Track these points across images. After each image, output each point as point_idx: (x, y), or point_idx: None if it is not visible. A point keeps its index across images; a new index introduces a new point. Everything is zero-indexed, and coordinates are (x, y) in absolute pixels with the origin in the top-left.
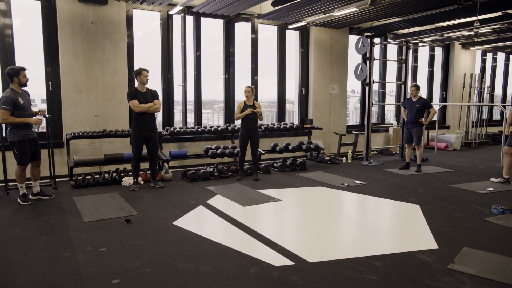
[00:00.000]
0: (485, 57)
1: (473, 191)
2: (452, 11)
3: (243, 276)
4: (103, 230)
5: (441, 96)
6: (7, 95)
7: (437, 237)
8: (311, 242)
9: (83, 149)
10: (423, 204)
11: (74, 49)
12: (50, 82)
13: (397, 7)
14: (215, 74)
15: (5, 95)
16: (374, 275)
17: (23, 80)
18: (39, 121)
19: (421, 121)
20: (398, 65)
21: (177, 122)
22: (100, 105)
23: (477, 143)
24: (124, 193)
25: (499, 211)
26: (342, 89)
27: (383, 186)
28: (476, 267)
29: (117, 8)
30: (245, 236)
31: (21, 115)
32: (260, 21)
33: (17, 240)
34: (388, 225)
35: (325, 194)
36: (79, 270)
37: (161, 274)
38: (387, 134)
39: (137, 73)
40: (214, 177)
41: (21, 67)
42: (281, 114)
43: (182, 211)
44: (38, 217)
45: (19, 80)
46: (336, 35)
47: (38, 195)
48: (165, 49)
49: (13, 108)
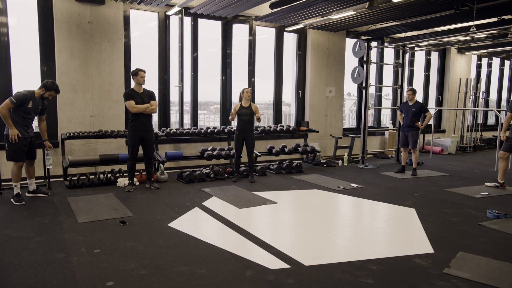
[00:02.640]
0: (480, 62)
1: (468, 195)
2: (449, 16)
3: (239, 279)
4: (98, 231)
5: (437, 100)
6: (23, 92)
7: (432, 241)
8: (307, 245)
9: (78, 149)
10: (419, 208)
11: (71, 48)
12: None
13: (394, 11)
14: (212, 75)
15: (21, 92)
16: (370, 279)
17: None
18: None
19: (417, 125)
20: (395, 69)
21: (173, 123)
22: (96, 105)
23: (472, 148)
24: (119, 194)
25: (494, 215)
26: (338, 92)
27: (379, 189)
28: (471, 271)
29: (114, 8)
30: (241, 238)
31: (22, 116)
32: (258, 23)
33: (10, 241)
34: (384, 228)
35: (321, 197)
36: (73, 271)
37: (156, 277)
38: (383, 137)
39: (134, 74)
40: (210, 178)
41: (53, 82)
42: (278, 116)
43: (177, 213)
44: (32, 217)
45: (47, 94)
46: (333, 38)
47: (34, 193)
48: (162, 50)
49: (18, 105)
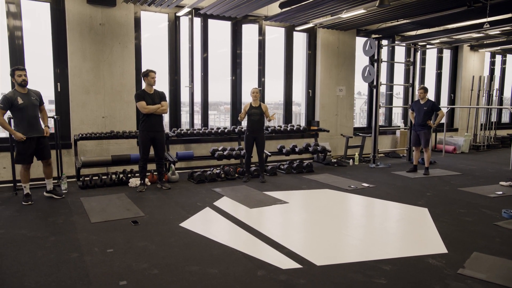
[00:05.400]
0: (494, 59)
1: (483, 195)
2: (461, 13)
3: (250, 279)
4: (110, 231)
5: (449, 99)
6: (6, 94)
7: (446, 241)
8: (318, 245)
9: (90, 150)
10: (432, 208)
11: (83, 50)
12: (59, 83)
13: (405, 9)
14: (222, 75)
15: (4, 94)
16: (383, 279)
17: (18, 80)
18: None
19: (429, 123)
20: (406, 67)
21: (183, 123)
22: (107, 106)
23: (485, 146)
24: (131, 194)
25: (509, 215)
26: (349, 91)
27: (391, 189)
28: (486, 272)
29: (125, 10)
30: (252, 238)
31: (21, 115)
32: (267, 23)
33: (25, 241)
34: (396, 228)
35: (332, 196)
36: (87, 271)
37: (168, 276)
38: (394, 136)
39: (144, 75)
40: (221, 178)
41: (15, 67)
42: (288, 116)
43: (188, 213)
44: (46, 217)
45: (15, 80)
46: (344, 37)
47: (50, 193)
48: (172, 51)
49: (9, 107)
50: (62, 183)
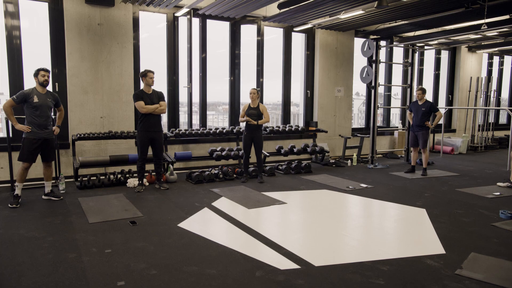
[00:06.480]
0: (491, 60)
1: (480, 196)
2: (459, 14)
3: (249, 279)
4: (108, 232)
5: (447, 100)
6: (24, 90)
7: (444, 241)
8: (316, 245)
9: (88, 150)
10: (430, 208)
11: (81, 50)
12: (57, 83)
13: (404, 10)
14: (220, 76)
15: (23, 90)
16: (381, 280)
17: (41, 79)
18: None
19: (427, 124)
20: (404, 68)
21: (182, 123)
22: (106, 106)
23: (483, 147)
24: (129, 194)
25: (507, 216)
26: (347, 91)
27: (389, 189)
28: (484, 273)
29: (123, 10)
30: (250, 238)
31: (33, 114)
32: (266, 23)
33: (22, 241)
34: (394, 229)
35: (330, 197)
36: (85, 271)
37: (166, 277)
38: (392, 137)
39: (143, 75)
40: (219, 179)
41: (41, 68)
42: (286, 117)
43: (187, 213)
44: (44, 217)
45: (37, 79)
46: (342, 38)
47: (48, 196)
48: (170, 51)
49: (22, 103)
50: (60, 183)
